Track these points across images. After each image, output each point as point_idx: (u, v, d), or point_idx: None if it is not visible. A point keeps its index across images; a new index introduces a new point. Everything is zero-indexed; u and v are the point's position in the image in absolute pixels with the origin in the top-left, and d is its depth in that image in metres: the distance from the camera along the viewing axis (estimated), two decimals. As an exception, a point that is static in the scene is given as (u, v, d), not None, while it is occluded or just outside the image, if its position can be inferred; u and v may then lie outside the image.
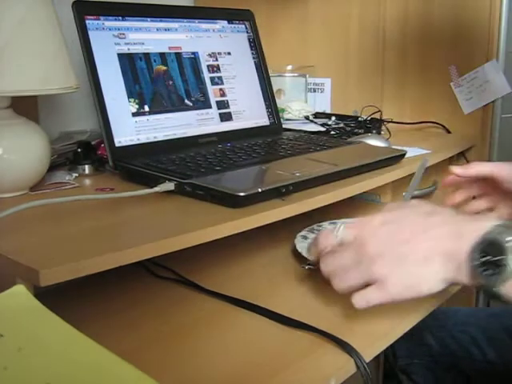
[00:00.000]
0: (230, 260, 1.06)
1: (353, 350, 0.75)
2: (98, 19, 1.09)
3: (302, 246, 1.04)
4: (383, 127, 1.56)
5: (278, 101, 1.42)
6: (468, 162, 1.66)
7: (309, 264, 0.94)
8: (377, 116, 1.59)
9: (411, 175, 1.27)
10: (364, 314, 0.81)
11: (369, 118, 1.57)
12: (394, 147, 1.29)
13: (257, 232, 1.14)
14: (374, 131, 1.50)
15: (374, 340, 0.81)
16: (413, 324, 0.87)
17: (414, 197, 1.49)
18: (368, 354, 0.77)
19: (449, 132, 1.68)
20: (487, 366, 1.17)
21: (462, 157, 1.67)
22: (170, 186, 0.92)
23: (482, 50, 1.61)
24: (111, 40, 1.10)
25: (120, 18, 1.13)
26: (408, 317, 0.86)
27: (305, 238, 1.08)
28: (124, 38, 1.12)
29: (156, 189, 0.91)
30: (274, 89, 1.42)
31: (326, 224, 1.14)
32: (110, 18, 1.11)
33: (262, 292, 0.94)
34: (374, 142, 1.30)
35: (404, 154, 1.21)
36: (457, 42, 1.65)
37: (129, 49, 1.13)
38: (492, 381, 1.19)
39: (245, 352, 0.78)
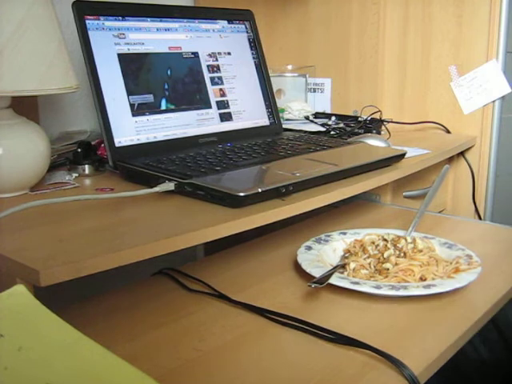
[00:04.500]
0: (255, 271, 1.03)
1: (411, 374, 0.71)
2: (98, 19, 1.09)
3: (304, 257, 1.01)
4: (383, 127, 1.56)
5: (278, 101, 1.42)
6: (468, 162, 1.66)
7: (315, 282, 0.89)
8: (377, 116, 1.59)
9: (411, 175, 1.28)
10: (414, 328, 0.80)
11: (369, 118, 1.57)
12: (393, 147, 1.29)
13: (278, 239, 1.14)
14: (374, 131, 1.50)
15: (429, 359, 0.76)
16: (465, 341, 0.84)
17: (412, 196, 1.50)
18: (423, 376, 0.73)
19: (449, 132, 1.68)
20: (481, 364, 1.17)
21: (461, 157, 1.67)
22: (170, 186, 0.92)
23: (482, 50, 1.61)
24: (111, 40, 1.10)
25: (120, 18, 1.13)
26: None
27: (309, 248, 1.05)
28: (124, 38, 1.12)
29: (156, 189, 0.91)
30: (274, 89, 1.42)
31: (335, 234, 1.12)
32: (110, 18, 1.11)
33: (295, 305, 0.89)
34: (373, 142, 1.30)
35: (404, 154, 1.21)
36: (457, 42, 1.65)
37: (129, 49, 1.13)
38: (487, 379, 1.19)
39: (292, 372, 0.73)
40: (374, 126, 1.53)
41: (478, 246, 1.08)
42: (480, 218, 1.68)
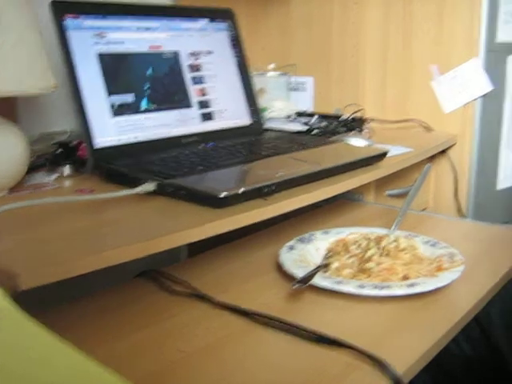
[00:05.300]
0: (238, 271, 1.01)
1: (394, 374, 0.70)
2: (77, 18, 1.08)
3: (286, 257, 1.00)
4: (365, 126, 1.56)
5: (259, 100, 1.42)
6: (450, 160, 1.67)
7: (298, 282, 0.88)
8: (359, 115, 1.59)
9: (394, 174, 1.28)
10: (397, 327, 0.80)
11: (351, 117, 1.57)
12: (376, 146, 1.30)
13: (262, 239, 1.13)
14: (356, 130, 1.50)
15: (412, 358, 0.75)
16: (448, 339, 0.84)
17: (395, 195, 1.50)
18: (407, 376, 0.72)
19: (431, 130, 1.69)
20: (465, 361, 1.18)
21: (443, 155, 1.68)
22: (151, 186, 0.91)
23: (463, 48, 1.61)
24: (91, 39, 1.09)
25: (100, 17, 1.12)
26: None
27: (292, 248, 1.03)
28: (104, 38, 1.11)
29: (137, 190, 0.90)
30: (256, 88, 1.41)
31: (317, 233, 1.11)
32: (90, 17, 1.10)
33: (278, 306, 0.88)
34: (356, 140, 1.30)
35: (386, 153, 1.21)
36: (438, 41, 1.65)
37: (109, 48, 1.12)
38: (470, 376, 1.20)
39: (275, 373, 0.72)
40: (355, 124, 1.53)
41: (460, 244, 1.08)
42: (462, 216, 1.68)
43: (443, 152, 1.67)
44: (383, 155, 1.21)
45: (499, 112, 1.70)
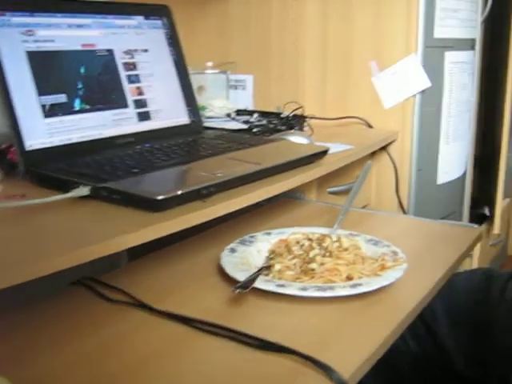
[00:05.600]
0: (178, 277, 0.98)
1: (340, 378, 0.69)
2: (4, 15, 1.03)
3: (227, 260, 0.97)
4: (306, 123, 1.55)
5: (198, 98, 1.39)
6: (390, 156, 1.68)
7: (239, 287, 0.86)
8: (299, 112, 1.58)
9: (335, 171, 1.27)
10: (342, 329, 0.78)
11: (291, 115, 1.56)
12: (316, 144, 1.28)
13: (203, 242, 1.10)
14: (297, 128, 1.49)
15: (359, 361, 0.73)
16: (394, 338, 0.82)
17: (337, 192, 1.50)
18: (353, 379, 0.71)
19: (371, 127, 1.69)
20: (412, 359, 1.18)
21: (384, 152, 1.68)
22: (84, 190, 0.88)
23: (402, 44, 1.62)
24: (18, 37, 1.04)
25: (28, 13, 1.07)
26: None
27: (233, 250, 1.01)
28: (32, 35, 1.06)
29: (70, 194, 0.87)
30: (195, 86, 1.38)
31: (259, 235, 1.09)
32: (17, 13, 1.05)
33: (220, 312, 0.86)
34: (296, 138, 1.29)
35: (327, 151, 1.20)
36: (377, 37, 1.65)
37: (38, 46, 1.07)
38: (418, 373, 1.20)
39: (218, 383, 0.70)
40: (296, 122, 1.52)
41: (402, 241, 1.08)
42: (404, 212, 1.69)
43: (384, 148, 1.67)
44: (324, 153, 1.20)
45: (438, 108, 1.72)
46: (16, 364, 0.72)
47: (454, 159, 1.83)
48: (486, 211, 2.38)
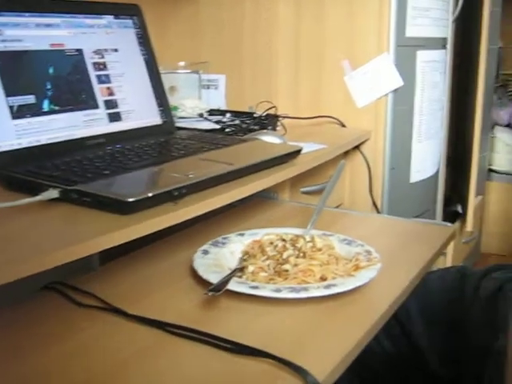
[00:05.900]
0: (151, 280, 0.97)
1: (314, 381, 0.68)
2: (-31, 15, 1.00)
3: (200, 262, 0.96)
4: (279, 123, 1.55)
5: (170, 98, 1.38)
6: (364, 155, 1.67)
7: (212, 290, 0.85)
8: (272, 112, 1.57)
9: (308, 171, 1.27)
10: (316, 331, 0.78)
11: (264, 114, 1.55)
12: (289, 143, 1.28)
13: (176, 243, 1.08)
14: (270, 127, 1.48)
15: (334, 362, 0.73)
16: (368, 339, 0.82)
17: (310, 192, 1.49)
18: (329, 380, 0.71)
19: (344, 126, 1.69)
20: (386, 358, 1.18)
21: (357, 151, 1.68)
22: (53, 193, 0.86)
23: (374, 43, 1.62)
24: (-15, 37, 1.02)
25: (-6, 13, 1.05)
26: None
27: (206, 252, 1.00)
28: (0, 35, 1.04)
29: (39, 197, 0.85)
30: (167, 86, 1.37)
31: (232, 236, 1.08)
32: (-17, 13, 1.03)
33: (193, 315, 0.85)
34: (269, 138, 1.28)
35: (300, 150, 1.19)
36: (349, 36, 1.65)
37: (5, 46, 1.05)
38: (392, 373, 1.20)
39: None
40: (269, 122, 1.51)
41: (376, 240, 1.08)
42: (378, 211, 1.69)
43: (357, 147, 1.67)
44: (297, 152, 1.19)
45: (410, 106, 1.73)
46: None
47: (426, 158, 1.84)
48: (459, 209, 2.40)
